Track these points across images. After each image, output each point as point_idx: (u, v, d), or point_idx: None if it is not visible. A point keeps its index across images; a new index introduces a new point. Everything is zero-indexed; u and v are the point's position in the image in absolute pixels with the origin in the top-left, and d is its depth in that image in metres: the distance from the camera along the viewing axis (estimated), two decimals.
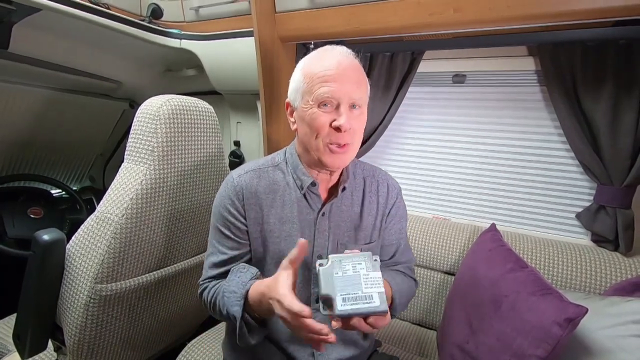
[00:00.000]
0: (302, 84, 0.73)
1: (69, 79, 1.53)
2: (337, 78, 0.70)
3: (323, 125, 0.71)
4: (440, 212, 1.50)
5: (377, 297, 0.58)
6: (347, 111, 0.71)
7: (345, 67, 0.71)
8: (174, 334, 1.21)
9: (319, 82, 0.70)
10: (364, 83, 0.75)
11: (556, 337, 0.73)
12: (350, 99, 0.71)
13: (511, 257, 0.98)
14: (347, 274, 0.60)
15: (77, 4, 1.11)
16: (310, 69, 0.73)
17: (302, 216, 0.80)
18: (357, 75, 0.73)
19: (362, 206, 0.85)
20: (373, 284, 0.59)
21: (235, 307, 0.68)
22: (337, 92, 0.70)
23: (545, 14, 0.92)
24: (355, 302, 0.57)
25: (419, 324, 1.34)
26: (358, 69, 0.74)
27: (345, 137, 0.72)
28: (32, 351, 0.92)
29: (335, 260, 0.61)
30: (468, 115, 1.38)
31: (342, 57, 0.72)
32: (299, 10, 1.20)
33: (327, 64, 0.71)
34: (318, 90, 0.70)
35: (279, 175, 0.81)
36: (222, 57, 1.41)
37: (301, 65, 0.77)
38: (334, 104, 0.71)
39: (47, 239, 0.85)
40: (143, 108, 0.90)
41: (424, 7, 1.02)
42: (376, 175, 0.89)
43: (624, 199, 1.07)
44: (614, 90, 1.03)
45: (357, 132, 0.74)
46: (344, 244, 0.82)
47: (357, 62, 0.75)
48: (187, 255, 1.08)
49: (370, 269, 0.61)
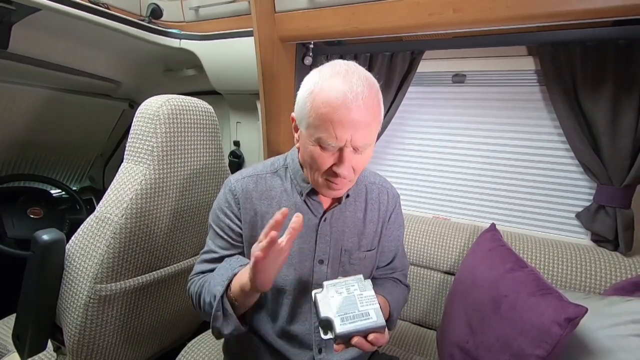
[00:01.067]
0: (308, 115, 0.65)
1: (68, 79, 1.53)
2: (344, 122, 0.61)
3: (322, 165, 0.67)
4: (440, 212, 1.50)
5: (374, 313, 0.61)
6: (349, 155, 0.65)
7: (356, 106, 0.61)
8: (173, 334, 1.21)
9: (322, 123, 0.63)
10: (376, 122, 0.66)
11: (556, 337, 0.73)
12: (356, 144, 0.64)
13: (511, 256, 0.98)
14: (342, 295, 0.63)
15: (76, 3, 1.11)
16: (317, 101, 0.63)
17: (304, 223, 0.76)
18: (368, 114, 0.63)
19: (365, 212, 0.84)
20: (368, 302, 0.62)
21: (218, 286, 0.68)
22: (342, 138, 0.63)
23: (545, 14, 0.92)
24: (354, 321, 0.60)
25: (418, 324, 1.34)
26: (370, 104, 0.63)
27: (343, 180, 0.69)
28: (32, 351, 0.92)
29: (329, 285, 0.65)
30: (468, 115, 1.38)
31: (354, 93, 0.61)
32: (299, 10, 1.20)
33: (335, 100, 0.61)
34: (321, 133, 0.64)
35: (277, 181, 0.80)
36: (221, 57, 1.41)
37: (310, 86, 0.66)
38: (337, 147, 0.65)
39: (47, 239, 0.85)
40: (142, 108, 0.90)
41: (423, 7, 1.02)
42: (377, 182, 0.89)
43: (623, 199, 1.07)
44: (613, 90, 1.03)
45: (358, 169, 0.70)
46: (349, 250, 0.81)
47: (371, 94, 0.64)
48: (187, 255, 1.08)
49: (363, 289, 0.64)
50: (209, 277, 0.74)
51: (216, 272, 0.74)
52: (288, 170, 0.81)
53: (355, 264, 0.82)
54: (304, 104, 0.67)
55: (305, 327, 0.80)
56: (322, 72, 0.67)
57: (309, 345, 0.80)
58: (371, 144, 0.68)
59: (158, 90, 1.09)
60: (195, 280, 0.79)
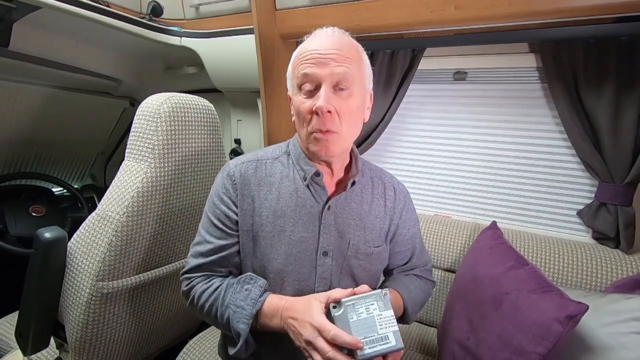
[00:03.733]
0: (290, 68, 0.70)
1: (69, 77, 1.53)
2: (318, 57, 0.64)
3: (306, 112, 0.66)
4: (441, 210, 1.50)
5: (393, 336, 0.61)
6: (328, 92, 0.64)
7: (329, 43, 0.65)
8: (176, 331, 1.21)
9: (300, 63, 0.66)
10: (356, 61, 0.67)
11: (557, 335, 0.73)
12: (333, 77, 0.64)
13: (512, 254, 0.98)
14: (361, 317, 0.62)
15: (77, 1, 1.11)
16: (296, 52, 0.69)
17: (305, 210, 0.74)
18: (345, 53, 0.65)
19: (370, 206, 0.80)
20: (387, 324, 0.62)
21: (242, 325, 0.66)
22: (317, 72, 0.64)
23: (546, 11, 0.91)
24: (374, 345, 0.60)
25: (419, 321, 1.34)
26: (347, 45, 0.66)
27: (326, 121, 0.65)
28: (34, 348, 0.92)
29: (348, 304, 0.63)
30: (469, 112, 1.38)
31: (326, 33, 0.67)
32: (300, 7, 1.20)
33: (312, 45, 0.66)
34: (298, 72, 0.66)
35: (278, 167, 0.77)
36: (222, 54, 1.41)
37: (294, 52, 0.72)
38: (314, 85, 0.65)
39: (49, 237, 0.86)
40: (144, 106, 0.90)
41: (424, 4, 1.02)
42: (383, 177, 0.85)
43: (625, 197, 1.07)
44: (615, 87, 1.02)
45: (343, 116, 0.66)
46: (355, 245, 0.77)
47: (347, 40, 0.68)
48: (188, 252, 1.08)
49: (382, 309, 0.63)
50: (225, 299, 0.70)
51: (233, 302, 0.69)
52: (290, 157, 0.78)
53: (361, 259, 0.78)
54: (290, 68, 0.71)
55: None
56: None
57: None
58: (353, 87, 0.67)
59: (159, 88, 1.09)
60: (195, 287, 0.75)
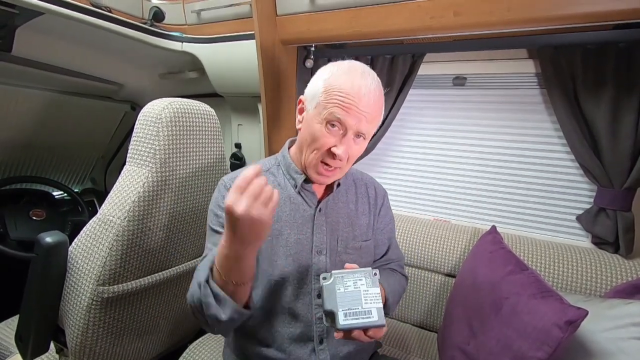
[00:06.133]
0: (319, 95, 0.73)
1: (70, 82, 1.53)
2: (354, 108, 0.70)
3: (323, 146, 0.73)
4: (440, 215, 1.50)
5: (376, 312, 0.63)
6: (350, 140, 0.72)
7: (366, 100, 0.70)
8: (176, 335, 1.21)
9: (335, 104, 0.70)
10: (378, 117, 0.76)
11: (557, 340, 0.73)
12: (359, 130, 0.72)
13: (512, 259, 0.98)
14: (348, 289, 0.64)
15: (79, 7, 1.12)
16: (332, 86, 0.71)
17: (299, 214, 0.81)
18: (375, 110, 0.73)
19: (356, 204, 0.90)
20: (372, 300, 0.64)
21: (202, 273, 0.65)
22: (349, 122, 0.70)
23: (545, 18, 0.92)
24: (356, 317, 0.62)
25: (419, 326, 1.34)
26: (378, 102, 0.74)
27: (338, 162, 0.74)
28: (34, 353, 0.92)
29: (337, 276, 0.65)
30: (468, 117, 1.39)
31: (368, 88, 0.71)
32: (300, 13, 1.21)
33: (350, 89, 0.70)
34: (331, 110, 0.70)
35: (270, 178, 0.84)
36: (223, 59, 1.41)
37: (326, 74, 0.74)
38: (341, 129, 0.72)
39: (50, 242, 0.86)
40: (145, 111, 0.91)
41: (424, 11, 1.03)
42: (364, 179, 0.96)
43: (624, 202, 1.07)
44: (614, 93, 1.03)
45: (352, 158, 0.77)
46: (344, 240, 0.84)
47: (380, 94, 0.74)
48: (189, 257, 1.08)
49: (369, 285, 0.65)
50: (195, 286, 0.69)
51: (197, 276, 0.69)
52: (280, 167, 0.86)
53: (351, 253, 0.85)
54: (318, 86, 0.74)
55: (307, 318, 0.80)
56: (340, 65, 0.75)
57: (310, 336, 0.80)
58: (367, 138, 0.76)
59: (160, 93, 1.10)
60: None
